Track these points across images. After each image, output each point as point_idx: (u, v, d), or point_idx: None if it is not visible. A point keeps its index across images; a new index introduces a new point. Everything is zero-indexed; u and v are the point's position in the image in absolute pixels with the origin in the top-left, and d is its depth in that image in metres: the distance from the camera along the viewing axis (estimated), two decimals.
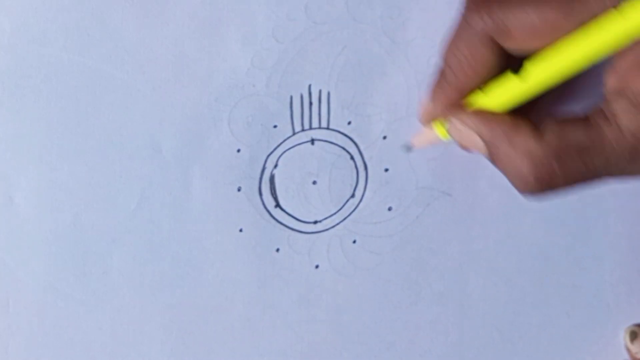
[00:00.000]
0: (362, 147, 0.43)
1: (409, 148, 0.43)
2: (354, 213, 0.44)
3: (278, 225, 0.43)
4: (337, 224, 0.44)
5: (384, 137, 0.43)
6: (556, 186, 0.37)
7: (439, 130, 0.41)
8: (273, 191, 0.43)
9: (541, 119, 0.38)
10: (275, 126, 0.42)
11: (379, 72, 0.42)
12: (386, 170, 0.44)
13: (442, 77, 0.39)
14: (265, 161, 0.42)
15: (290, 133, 0.42)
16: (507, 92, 0.38)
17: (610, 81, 0.37)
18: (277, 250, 0.44)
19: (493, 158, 0.38)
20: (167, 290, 0.43)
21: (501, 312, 0.47)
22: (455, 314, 0.46)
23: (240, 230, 0.43)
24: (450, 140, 0.40)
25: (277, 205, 0.43)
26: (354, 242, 0.44)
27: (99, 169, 0.41)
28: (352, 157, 0.43)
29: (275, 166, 0.43)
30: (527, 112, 0.39)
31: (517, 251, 0.46)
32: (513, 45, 0.37)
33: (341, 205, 0.44)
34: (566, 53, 0.36)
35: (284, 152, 0.42)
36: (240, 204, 0.43)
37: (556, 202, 0.46)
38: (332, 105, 0.42)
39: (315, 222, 0.44)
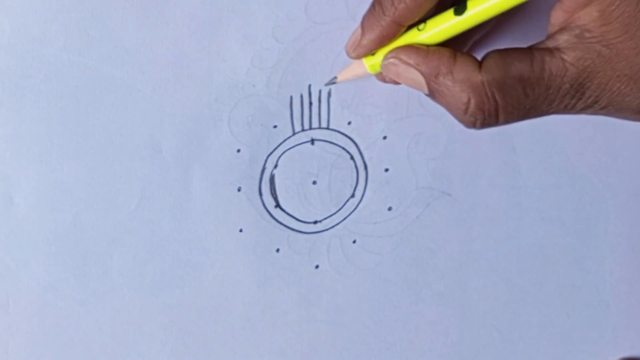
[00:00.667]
0: (362, 147, 0.43)
1: (333, 82, 0.42)
2: (354, 213, 0.44)
3: (278, 225, 0.43)
4: (337, 224, 0.44)
5: (384, 137, 0.43)
6: (498, 116, 0.37)
7: (367, 63, 0.39)
8: (273, 191, 0.43)
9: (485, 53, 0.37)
10: (275, 126, 0.42)
11: None
12: (386, 170, 0.44)
13: (379, 5, 0.37)
14: (265, 161, 0.42)
15: (290, 133, 0.42)
16: (447, 29, 0.37)
17: (556, 17, 0.37)
18: (277, 250, 0.44)
19: (432, 92, 0.37)
20: (167, 290, 0.43)
21: (501, 312, 0.47)
22: (455, 314, 0.46)
23: (241, 231, 0.43)
24: (375, 73, 0.40)
25: (277, 205, 0.43)
26: (354, 242, 0.44)
27: (99, 169, 0.41)
28: (352, 157, 0.43)
29: (275, 166, 0.43)
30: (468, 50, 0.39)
31: (517, 251, 0.46)
32: None
33: (341, 205, 0.44)
34: None
35: (284, 152, 0.42)
36: (240, 204, 0.43)
37: (556, 202, 0.46)
38: (332, 106, 0.42)
39: (315, 222, 0.44)
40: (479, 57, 0.37)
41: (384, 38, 0.38)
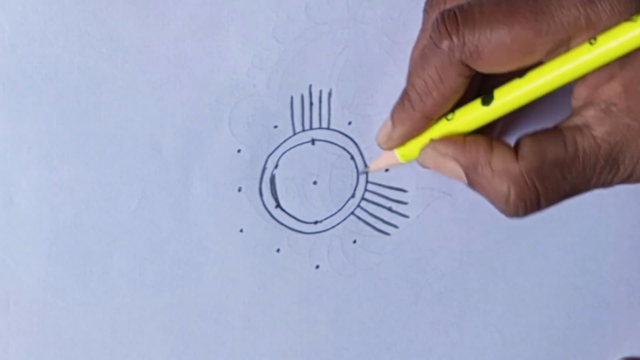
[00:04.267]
0: (362, 147, 0.43)
1: (365, 172, 0.43)
2: (354, 213, 0.44)
3: (278, 225, 0.43)
4: (338, 224, 0.44)
5: None
6: (539, 202, 0.37)
7: (398, 152, 0.41)
8: (273, 191, 0.43)
9: (517, 138, 0.38)
10: (275, 126, 0.42)
11: (379, 72, 0.42)
12: (386, 170, 0.44)
13: (408, 101, 0.38)
14: (266, 161, 0.42)
15: (291, 133, 0.42)
16: (475, 119, 0.38)
17: (579, 92, 0.37)
18: (278, 250, 0.44)
19: (472, 183, 0.38)
20: (167, 290, 0.43)
21: (501, 312, 0.47)
22: (455, 314, 0.46)
23: (241, 231, 0.43)
24: (407, 162, 0.41)
25: (278, 205, 0.43)
26: (354, 242, 0.44)
27: (99, 169, 0.41)
28: (352, 157, 0.43)
29: (276, 166, 0.43)
30: (495, 131, 0.39)
31: (517, 251, 0.46)
32: (484, 67, 0.36)
33: (341, 205, 0.44)
34: (538, 81, 0.35)
35: (285, 152, 0.42)
36: (240, 204, 0.43)
37: None
38: (332, 106, 0.42)
39: (316, 222, 0.44)
40: (508, 138, 0.37)
41: (415, 131, 0.39)
